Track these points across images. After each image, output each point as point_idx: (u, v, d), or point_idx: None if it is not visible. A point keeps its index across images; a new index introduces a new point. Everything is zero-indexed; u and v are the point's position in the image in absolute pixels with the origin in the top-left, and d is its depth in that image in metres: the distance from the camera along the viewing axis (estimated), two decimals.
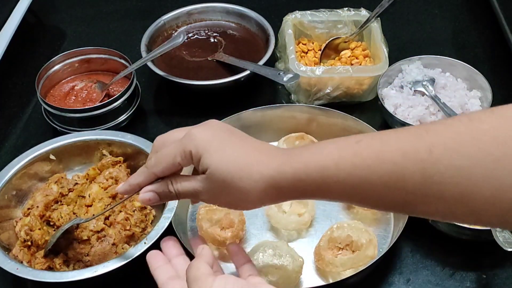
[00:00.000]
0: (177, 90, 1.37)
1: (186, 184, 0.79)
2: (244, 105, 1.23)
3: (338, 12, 1.39)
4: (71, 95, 1.29)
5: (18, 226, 1.03)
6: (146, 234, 1.03)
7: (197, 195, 0.78)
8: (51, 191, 1.07)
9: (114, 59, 1.32)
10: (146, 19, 1.47)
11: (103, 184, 1.10)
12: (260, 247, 0.99)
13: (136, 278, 0.99)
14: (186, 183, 0.79)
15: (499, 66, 1.39)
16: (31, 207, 1.05)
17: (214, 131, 0.77)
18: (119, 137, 1.15)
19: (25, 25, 1.46)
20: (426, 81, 1.25)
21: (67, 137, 1.15)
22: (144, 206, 1.07)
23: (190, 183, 0.78)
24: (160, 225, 0.99)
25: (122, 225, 1.03)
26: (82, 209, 1.06)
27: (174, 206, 1.02)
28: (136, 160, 1.14)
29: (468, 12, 1.57)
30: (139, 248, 0.95)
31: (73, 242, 1.02)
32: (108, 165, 1.13)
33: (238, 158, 0.74)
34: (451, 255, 1.05)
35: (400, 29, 1.51)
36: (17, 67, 1.44)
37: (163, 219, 1.00)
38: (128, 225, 1.03)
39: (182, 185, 0.79)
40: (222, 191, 0.75)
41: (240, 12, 1.45)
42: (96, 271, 0.93)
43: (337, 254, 0.99)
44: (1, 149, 1.27)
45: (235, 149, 0.75)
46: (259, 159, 0.74)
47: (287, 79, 1.22)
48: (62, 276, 0.94)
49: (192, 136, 0.77)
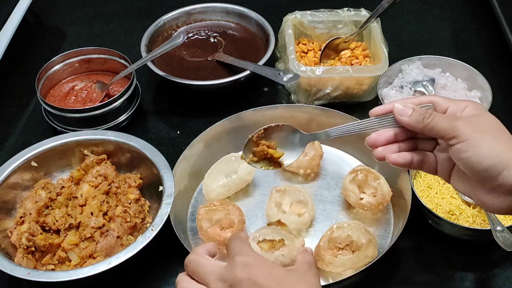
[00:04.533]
0: (177, 90, 1.37)
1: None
2: (244, 105, 1.23)
3: (338, 12, 1.39)
4: (71, 95, 1.29)
5: (15, 235, 1.03)
6: (146, 224, 1.06)
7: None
8: (40, 197, 1.08)
9: (114, 59, 1.32)
10: (146, 19, 1.47)
11: (93, 182, 1.10)
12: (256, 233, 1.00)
13: (147, 265, 1.02)
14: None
15: (499, 66, 1.39)
16: (24, 215, 1.05)
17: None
18: (99, 135, 1.16)
19: (25, 25, 1.46)
20: (426, 81, 1.25)
21: (47, 141, 1.14)
22: (138, 198, 1.09)
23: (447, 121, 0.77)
24: (162, 211, 1.01)
25: (122, 218, 1.04)
26: (77, 209, 1.07)
27: (172, 192, 1.04)
28: (119, 156, 1.15)
29: (468, 12, 1.57)
30: (147, 236, 0.98)
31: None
32: (93, 164, 1.13)
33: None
34: (451, 255, 1.05)
35: (400, 29, 1.52)
36: (17, 67, 1.44)
37: (165, 206, 1.02)
38: (129, 217, 1.05)
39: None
40: None
41: (240, 12, 1.45)
42: (110, 263, 0.94)
43: (337, 254, 0.99)
44: (1, 149, 1.27)
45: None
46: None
47: (287, 79, 1.22)
48: (77, 273, 0.94)
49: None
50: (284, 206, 1.08)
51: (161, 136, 1.28)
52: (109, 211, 1.06)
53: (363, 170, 1.10)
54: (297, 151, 0.89)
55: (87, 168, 1.13)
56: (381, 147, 0.82)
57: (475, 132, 0.75)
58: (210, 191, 1.11)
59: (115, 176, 1.12)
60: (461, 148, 0.75)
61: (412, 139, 0.83)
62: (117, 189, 1.10)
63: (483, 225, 1.03)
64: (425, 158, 0.83)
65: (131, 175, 1.13)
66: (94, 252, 1.01)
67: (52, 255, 1.03)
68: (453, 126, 0.76)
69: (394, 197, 1.09)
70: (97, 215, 1.04)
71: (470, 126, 0.76)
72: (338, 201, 1.13)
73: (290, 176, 1.17)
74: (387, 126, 0.82)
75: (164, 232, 0.99)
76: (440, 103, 0.81)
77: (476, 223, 1.04)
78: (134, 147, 1.12)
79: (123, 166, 1.16)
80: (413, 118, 0.79)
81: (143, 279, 1.04)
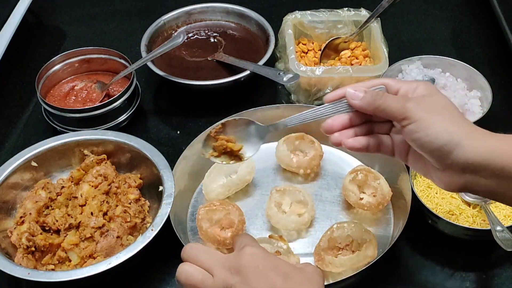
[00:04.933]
0: (177, 90, 1.37)
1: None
2: (244, 105, 1.23)
3: (338, 12, 1.39)
4: (71, 95, 1.29)
5: (15, 235, 1.03)
6: (146, 224, 1.06)
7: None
8: (40, 197, 1.08)
9: (114, 59, 1.32)
10: (146, 19, 1.47)
11: (93, 182, 1.10)
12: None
13: (147, 265, 1.02)
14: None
15: (499, 66, 1.39)
16: (24, 215, 1.05)
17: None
18: (99, 136, 1.16)
19: (25, 25, 1.46)
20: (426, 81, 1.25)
21: (47, 141, 1.14)
22: (138, 198, 1.09)
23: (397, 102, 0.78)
24: (162, 211, 1.01)
25: (122, 218, 1.04)
26: (76, 209, 1.07)
27: (172, 192, 1.04)
28: (119, 156, 1.15)
29: (468, 12, 1.57)
30: (147, 236, 0.98)
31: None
32: (93, 164, 1.13)
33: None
34: (451, 255, 1.05)
35: (400, 29, 1.52)
36: (17, 67, 1.44)
37: (165, 206, 1.02)
38: (129, 217, 1.05)
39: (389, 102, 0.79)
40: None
41: (240, 12, 1.45)
42: (110, 263, 0.94)
43: (337, 254, 0.99)
44: (1, 149, 1.27)
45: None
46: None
47: (287, 79, 1.22)
48: (77, 273, 0.94)
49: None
50: (284, 206, 1.08)
51: (161, 136, 1.28)
52: (109, 211, 1.06)
53: (363, 170, 1.10)
54: (256, 143, 0.90)
55: (87, 168, 1.13)
56: (337, 132, 0.82)
57: (425, 113, 0.76)
58: (210, 191, 1.11)
59: (115, 176, 1.12)
60: (412, 128, 0.76)
61: (368, 123, 0.84)
62: (117, 189, 1.10)
63: (483, 225, 1.03)
64: (382, 141, 0.83)
65: (131, 175, 1.13)
66: (94, 252, 1.01)
67: (52, 255, 1.03)
68: (404, 107, 0.77)
69: (394, 197, 1.09)
70: (97, 215, 1.04)
71: (420, 107, 0.77)
72: (338, 201, 1.13)
73: (290, 176, 1.17)
74: (342, 111, 0.83)
75: (164, 232, 0.99)
76: (392, 85, 0.82)
77: (476, 223, 1.04)
78: (134, 147, 1.13)
79: (123, 166, 1.16)
80: (364, 101, 0.80)
81: (143, 279, 1.04)
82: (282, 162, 1.17)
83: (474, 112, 1.21)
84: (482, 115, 1.18)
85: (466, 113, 1.21)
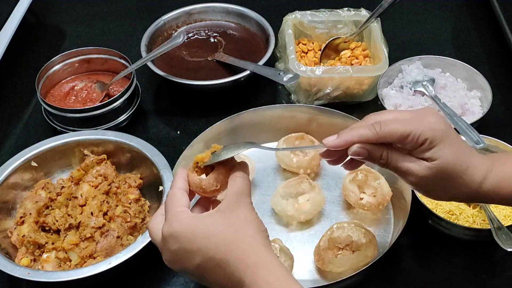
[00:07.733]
0: (177, 90, 1.37)
1: (404, 161, 0.80)
2: (244, 105, 1.23)
3: (338, 12, 1.39)
4: (71, 95, 1.29)
5: (15, 235, 1.03)
6: (146, 224, 1.06)
7: (409, 175, 0.80)
8: (40, 197, 1.08)
9: (114, 59, 1.32)
10: (146, 19, 1.47)
11: (93, 182, 1.10)
12: None
13: (147, 265, 1.02)
14: (405, 161, 0.80)
15: (499, 66, 1.39)
16: (24, 215, 1.05)
17: (446, 122, 0.80)
18: (99, 136, 1.16)
19: (25, 25, 1.46)
20: (426, 81, 1.25)
21: (47, 141, 1.14)
22: (138, 198, 1.09)
23: (410, 164, 0.79)
24: None
25: (122, 218, 1.05)
26: (76, 209, 1.07)
27: None
28: (119, 156, 1.15)
29: (468, 12, 1.57)
30: (147, 236, 0.97)
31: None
32: (93, 164, 1.13)
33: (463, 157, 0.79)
34: (451, 255, 1.05)
35: (400, 29, 1.51)
36: (17, 67, 1.44)
37: None
38: (129, 217, 1.05)
39: (399, 159, 0.80)
40: (439, 183, 0.79)
41: (240, 12, 1.45)
42: (110, 263, 0.94)
43: (337, 254, 0.99)
44: (1, 149, 1.27)
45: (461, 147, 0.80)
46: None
47: (287, 79, 1.22)
48: (77, 273, 0.94)
49: (432, 125, 0.78)
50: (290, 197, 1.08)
51: (161, 136, 1.28)
52: (109, 211, 1.06)
53: (363, 170, 1.10)
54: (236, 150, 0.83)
55: (87, 168, 1.13)
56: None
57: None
58: None
59: (115, 176, 1.12)
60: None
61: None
62: (117, 189, 1.10)
63: (483, 225, 1.03)
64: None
65: (131, 175, 1.13)
66: (94, 252, 1.01)
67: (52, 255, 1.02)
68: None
69: (394, 197, 1.09)
70: (97, 215, 1.04)
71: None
72: (338, 201, 1.13)
73: (290, 176, 1.17)
74: None
75: None
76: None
77: (476, 223, 1.04)
78: (134, 147, 1.13)
79: (123, 166, 1.16)
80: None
81: (143, 279, 1.04)
82: (282, 162, 1.17)
83: (474, 112, 1.21)
84: (482, 115, 1.18)
85: (466, 113, 1.21)
